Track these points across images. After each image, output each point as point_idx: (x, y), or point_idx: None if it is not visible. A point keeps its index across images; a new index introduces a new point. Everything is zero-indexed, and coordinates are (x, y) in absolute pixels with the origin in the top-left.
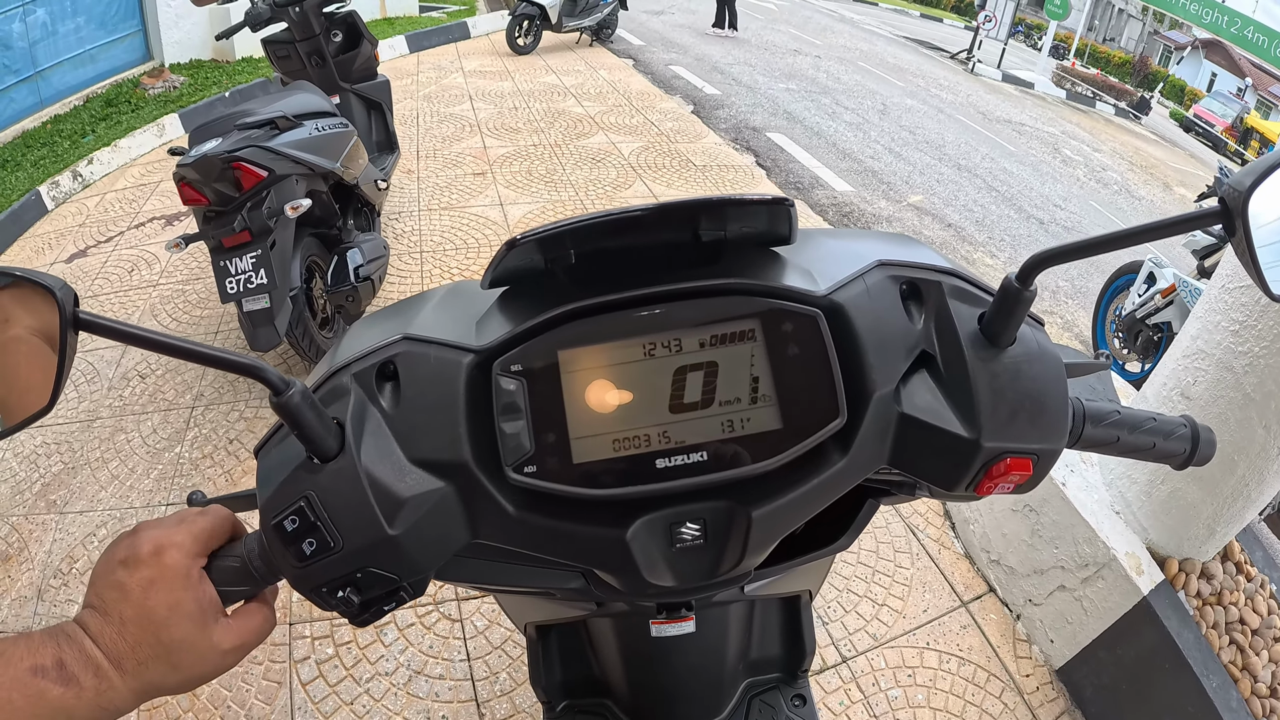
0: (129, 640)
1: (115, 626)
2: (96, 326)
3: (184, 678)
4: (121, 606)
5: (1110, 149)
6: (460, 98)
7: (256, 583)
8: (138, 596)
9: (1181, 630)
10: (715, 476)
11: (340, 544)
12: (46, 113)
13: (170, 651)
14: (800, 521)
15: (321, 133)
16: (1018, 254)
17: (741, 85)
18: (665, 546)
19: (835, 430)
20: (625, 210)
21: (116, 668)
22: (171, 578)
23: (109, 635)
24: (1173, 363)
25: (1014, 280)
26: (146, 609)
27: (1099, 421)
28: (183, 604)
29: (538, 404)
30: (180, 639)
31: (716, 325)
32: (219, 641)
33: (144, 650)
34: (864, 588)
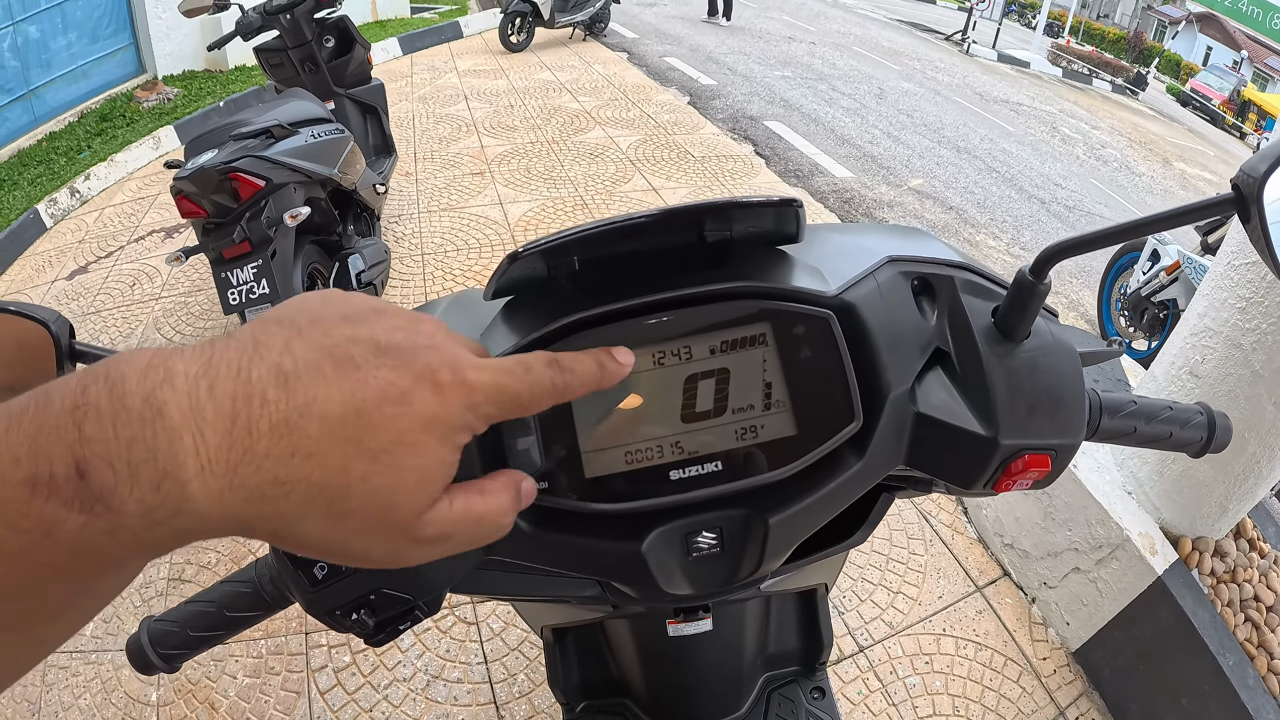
0: (279, 442)
1: (268, 410)
2: (92, 357)
3: (324, 541)
4: (313, 386)
5: (1108, 126)
6: (455, 98)
7: (269, 607)
8: (364, 398)
9: (1197, 609)
10: (730, 486)
11: (352, 567)
12: (42, 130)
13: (343, 496)
14: (818, 526)
15: (318, 139)
16: (1020, 235)
17: (737, 74)
18: (681, 556)
19: (851, 434)
20: (629, 217)
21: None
22: (434, 417)
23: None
24: (1180, 341)
25: (1028, 273)
26: (365, 423)
27: (1116, 412)
28: (423, 453)
29: (547, 419)
30: (379, 488)
31: (727, 330)
32: (426, 522)
33: (293, 470)
34: (879, 576)
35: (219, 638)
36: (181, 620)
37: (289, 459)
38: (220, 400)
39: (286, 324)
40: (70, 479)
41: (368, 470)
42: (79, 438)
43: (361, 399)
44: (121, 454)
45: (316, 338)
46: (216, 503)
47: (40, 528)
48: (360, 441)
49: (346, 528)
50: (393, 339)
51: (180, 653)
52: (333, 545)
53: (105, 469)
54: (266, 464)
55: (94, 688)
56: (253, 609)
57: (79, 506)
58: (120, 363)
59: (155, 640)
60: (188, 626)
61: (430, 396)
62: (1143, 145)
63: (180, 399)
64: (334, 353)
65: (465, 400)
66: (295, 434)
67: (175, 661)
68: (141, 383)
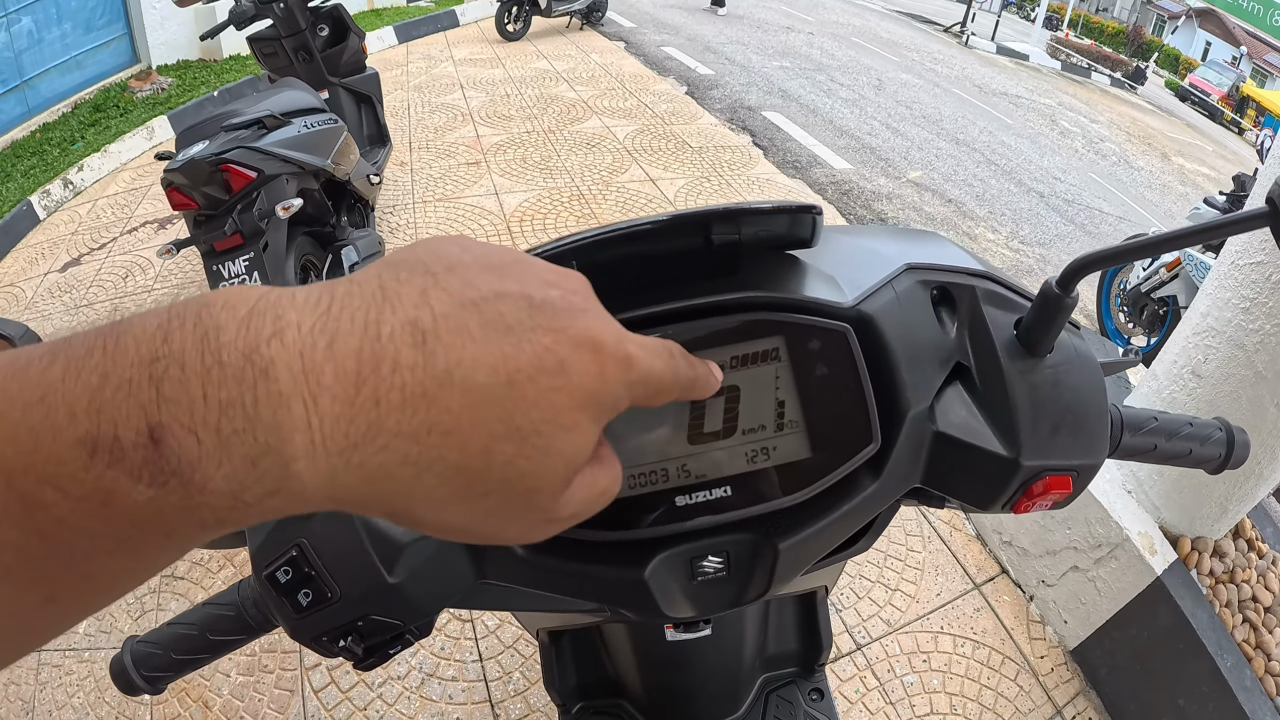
0: (414, 417)
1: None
2: None
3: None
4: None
5: (1107, 120)
6: (451, 87)
7: (253, 630)
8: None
9: (1195, 610)
10: (739, 513)
11: (338, 594)
12: (35, 121)
13: (482, 478)
14: (829, 549)
15: (311, 130)
16: (1019, 229)
17: (735, 64)
18: (685, 580)
19: (869, 457)
20: (634, 223)
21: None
22: (593, 394)
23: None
24: (1183, 340)
25: (1054, 286)
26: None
27: (1137, 429)
28: (576, 434)
29: None
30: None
31: (737, 345)
32: (564, 501)
33: (428, 449)
34: (876, 573)
35: (203, 660)
36: (164, 642)
37: (424, 436)
38: (342, 361)
39: (421, 270)
40: (140, 445)
41: (515, 453)
42: (156, 397)
43: (515, 367)
44: (211, 421)
45: (458, 289)
46: (326, 483)
47: (96, 495)
48: (510, 419)
49: (480, 509)
50: (548, 296)
51: (164, 675)
52: (461, 526)
53: (188, 438)
54: (396, 442)
55: (87, 686)
56: (236, 632)
57: (148, 479)
58: (215, 305)
59: (139, 662)
60: (171, 649)
61: (591, 368)
62: (1141, 140)
63: (291, 358)
64: (481, 308)
65: (624, 375)
66: (434, 407)
67: (159, 683)
68: (243, 333)
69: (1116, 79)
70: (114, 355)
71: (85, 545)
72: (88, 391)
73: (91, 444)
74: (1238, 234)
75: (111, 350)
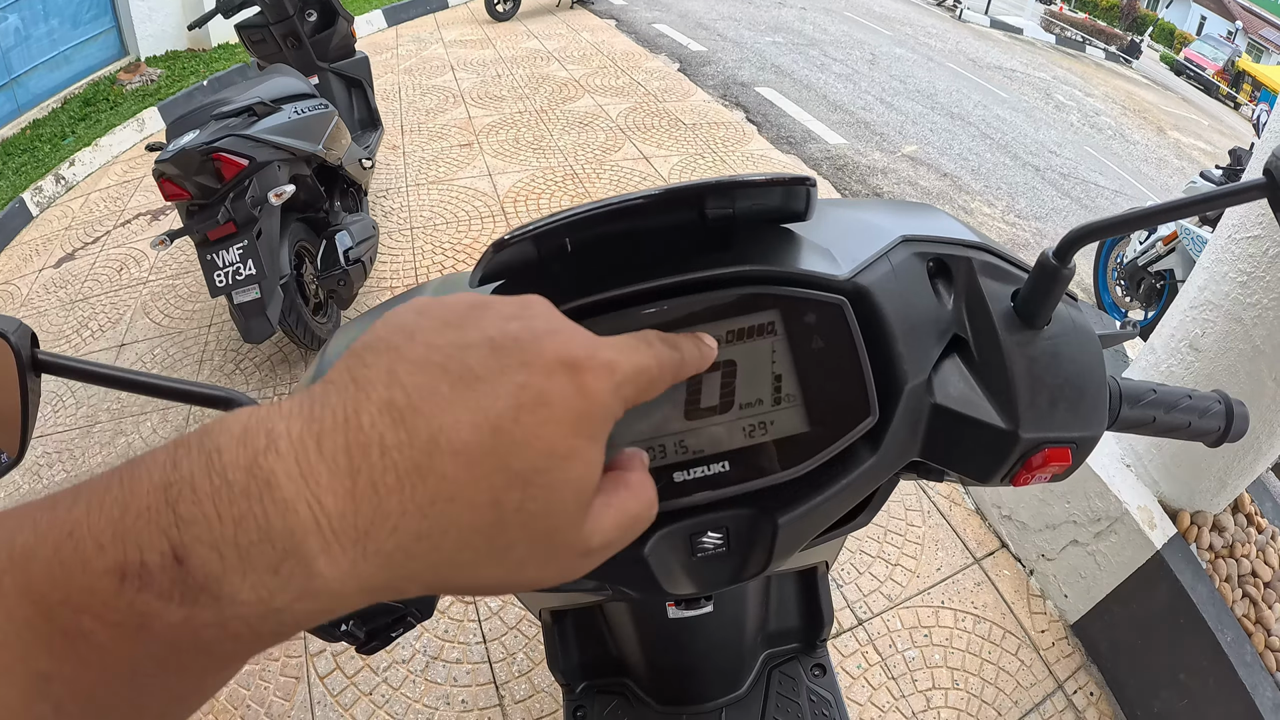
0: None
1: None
2: (57, 367)
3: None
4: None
5: (1102, 93)
6: (442, 69)
7: None
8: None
9: (1195, 584)
10: (738, 488)
11: None
12: (25, 118)
13: (500, 532)
14: (828, 523)
15: (301, 115)
16: (1015, 202)
17: (727, 40)
18: (685, 556)
19: (866, 430)
20: (625, 198)
21: (345, 545)
22: (582, 414)
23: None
24: (1180, 314)
25: (1051, 257)
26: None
27: (1135, 402)
28: (577, 461)
29: None
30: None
31: (733, 319)
32: (590, 532)
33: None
34: (876, 548)
35: None
36: None
37: (429, 508)
38: (332, 458)
39: (384, 349)
40: (166, 567)
41: (522, 498)
42: (174, 519)
43: (495, 415)
44: (228, 536)
45: (422, 355)
46: (350, 576)
47: (132, 620)
48: (506, 467)
49: (511, 562)
50: (507, 332)
51: None
52: (500, 582)
53: (210, 554)
54: (405, 522)
55: None
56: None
57: (179, 598)
58: (213, 431)
59: None
60: None
61: (571, 390)
62: (1137, 113)
63: (288, 465)
64: (448, 368)
65: (609, 383)
66: (429, 478)
67: None
68: (241, 451)
69: (1111, 53)
70: (130, 487)
71: (128, 670)
72: (111, 523)
73: (120, 571)
74: (1235, 205)
75: (128, 483)
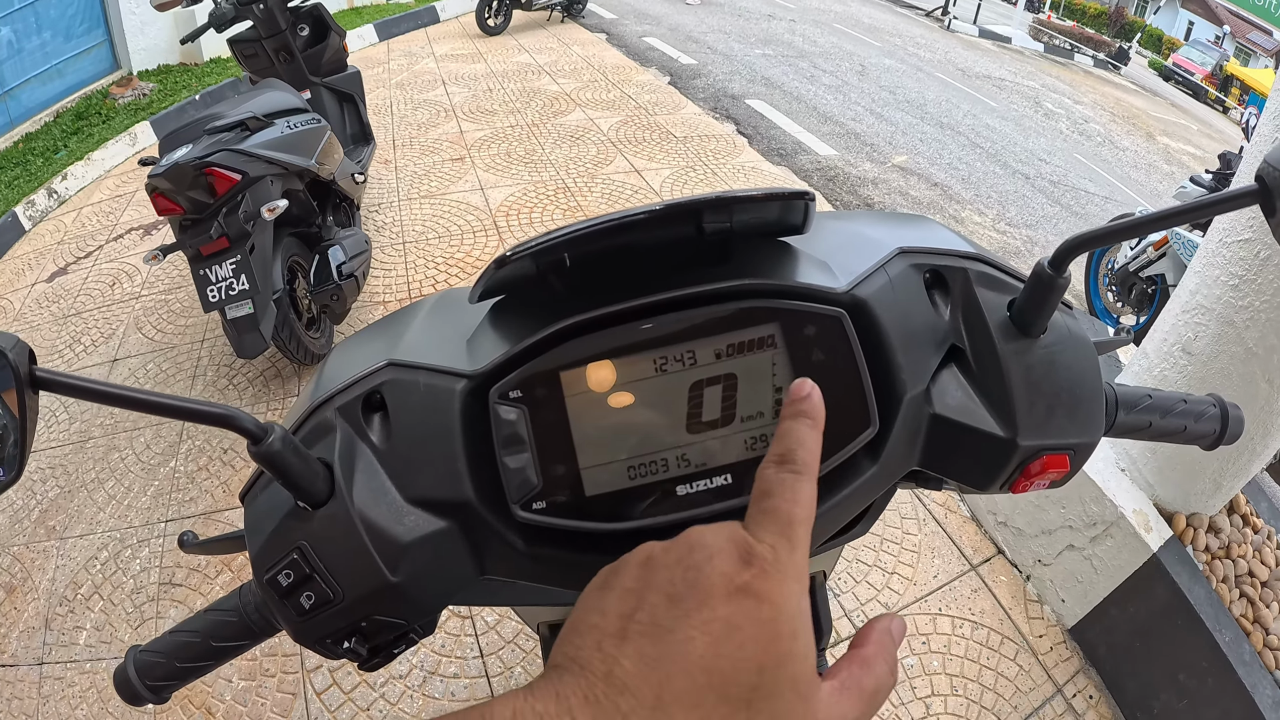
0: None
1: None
2: (56, 385)
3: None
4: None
5: (1091, 101)
6: (433, 83)
7: (256, 635)
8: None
9: (1192, 585)
10: (741, 501)
11: (341, 595)
12: (17, 132)
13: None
14: (829, 534)
15: (294, 130)
16: (1005, 210)
17: (717, 53)
18: None
19: (867, 440)
20: (624, 214)
21: None
22: (771, 620)
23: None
24: (1172, 318)
25: (1046, 266)
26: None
27: (1131, 407)
28: (788, 664)
29: (542, 433)
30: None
31: (733, 333)
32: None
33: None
34: (873, 556)
35: (207, 667)
36: (168, 651)
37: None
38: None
39: (585, 629)
40: None
41: (749, 715)
42: None
43: (698, 657)
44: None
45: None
46: None
47: None
48: (727, 697)
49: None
50: (676, 579)
51: (169, 683)
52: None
53: None
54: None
55: (90, 697)
56: (239, 638)
57: None
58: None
59: (142, 672)
60: (174, 658)
61: (752, 605)
62: (1126, 120)
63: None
64: (643, 631)
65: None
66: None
67: (164, 693)
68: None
69: (1100, 60)
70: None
71: None
72: None
73: None
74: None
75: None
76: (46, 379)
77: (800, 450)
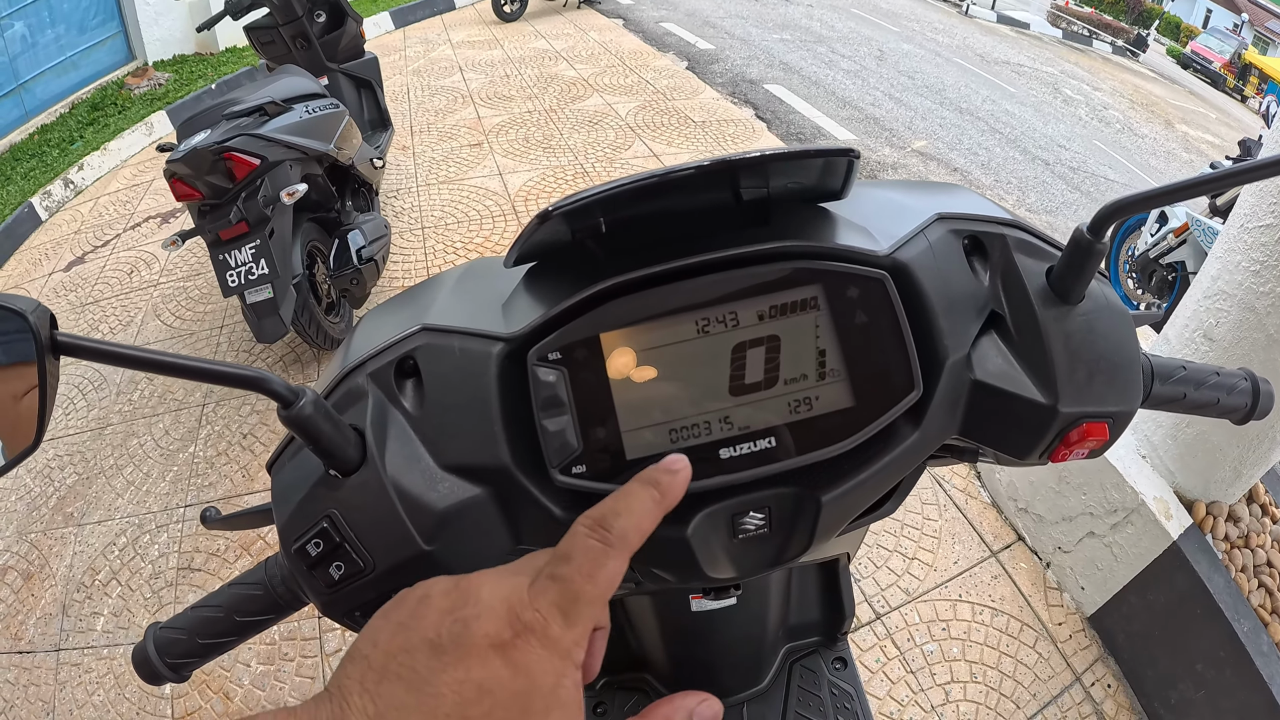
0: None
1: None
2: (78, 349)
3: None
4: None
5: (1110, 87)
6: (450, 69)
7: (281, 610)
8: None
9: (1211, 574)
10: (786, 464)
11: (372, 564)
12: (33, 124)
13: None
14: (870, 501)
15: (312, 115)
16: (1025, 197)
17: (735, 38)
18: (726, 539)
19: (911, 404)
20: (673, 169)
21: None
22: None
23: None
24: (1193, 304)
25: (1085, 232)
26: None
27: (1167, 378)
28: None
29: (582, 395)
30: None
31: (776, 294)
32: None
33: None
34: (893, 542)
35: (229, 644)
36: (189, 627)
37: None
38: None
39: (357, 657)
40: None
41: None
42: None
43: (446, 716)
44: None
45: (381, 663)
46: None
47: None
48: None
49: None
50: (443, 629)
51: (189, 661)
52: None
53: None
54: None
55: (107, 683)
56: (264, 612)
57: None
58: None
59: (162, 649)
60: (196, 633)
61: (508, 674)
62: (1145, 107)
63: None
64: (400, 675)
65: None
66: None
67: (184, 670)
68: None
69: (1118, 46)
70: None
71: None
72: None
73: None
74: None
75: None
76: (68, 343)
77: (622, 520)
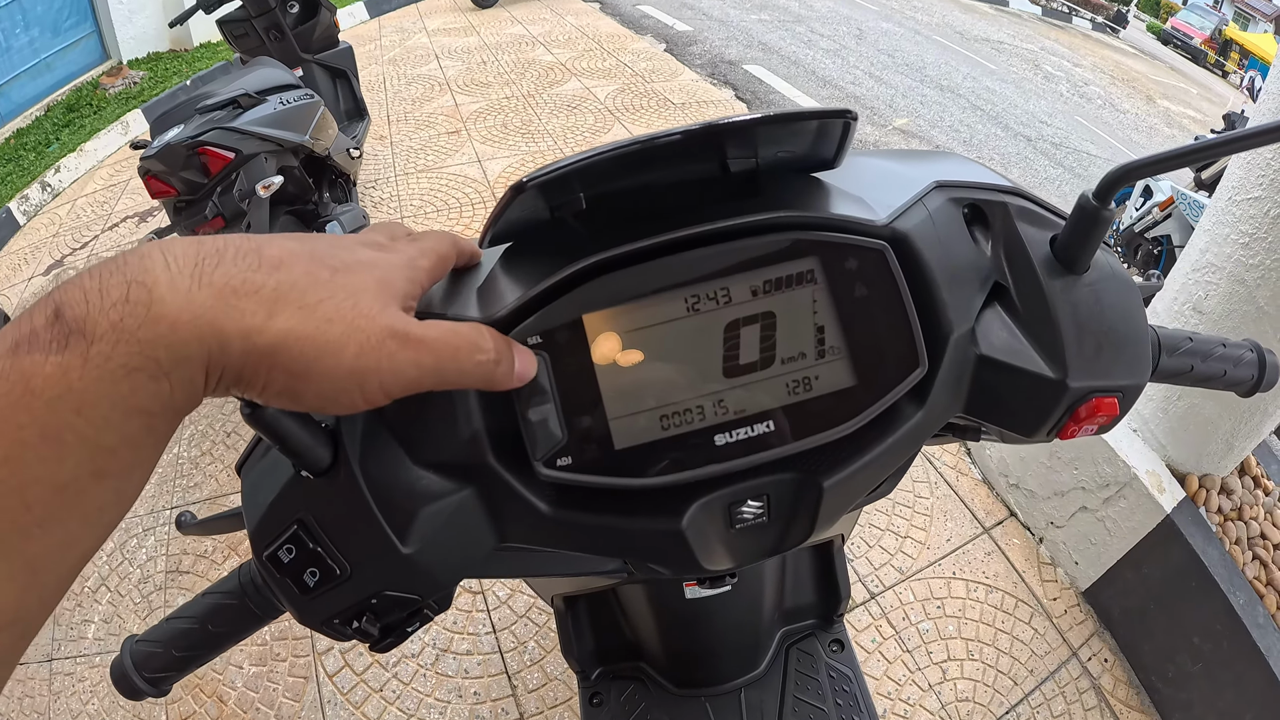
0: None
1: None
2: None
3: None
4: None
5: (1090, 64)
6: (426, 58)
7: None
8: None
9: (1206, 547)
10: (785, 449)
11: (348, 570)
12: (8, 128)
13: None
14: (874, 485)
15: (286, 106)
16: (1008, 172)
17: (713, 20)
18: (723, 529)
19: (915, 382)
20: (656, 135)
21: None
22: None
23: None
24: (1182, 277)
25: (1091, 198)
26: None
27: (1173, 350)
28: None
29: (566, 382)
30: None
31: (770, 268)
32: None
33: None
34: (885, 521)
35: (207, 656)
36: (165, 640)
37: (257, 268)
38: (187, 242)
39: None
40: (48, 324)
41: (330, 275)
42: (58, 289)
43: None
44: (94, 285)
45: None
46: (186, 302)
47: (20, 383)
48: (320, 260)
49: (318, 316)
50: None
51: (167, 675)
52: (308, 337)
53: (79, 301)
54: (234, 270)
55: (101, 691)
56: (239, 622)
57: (55, 347)
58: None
59: (140, 663)
60: (172, 646)
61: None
62: (1126, 83)
63: (151, 248)
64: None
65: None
66: (261, 253)
67: (164, 685)
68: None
69: (1098, 23)
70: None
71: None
72: (16, 323)
73: (15, 344)
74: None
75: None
76: None
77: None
